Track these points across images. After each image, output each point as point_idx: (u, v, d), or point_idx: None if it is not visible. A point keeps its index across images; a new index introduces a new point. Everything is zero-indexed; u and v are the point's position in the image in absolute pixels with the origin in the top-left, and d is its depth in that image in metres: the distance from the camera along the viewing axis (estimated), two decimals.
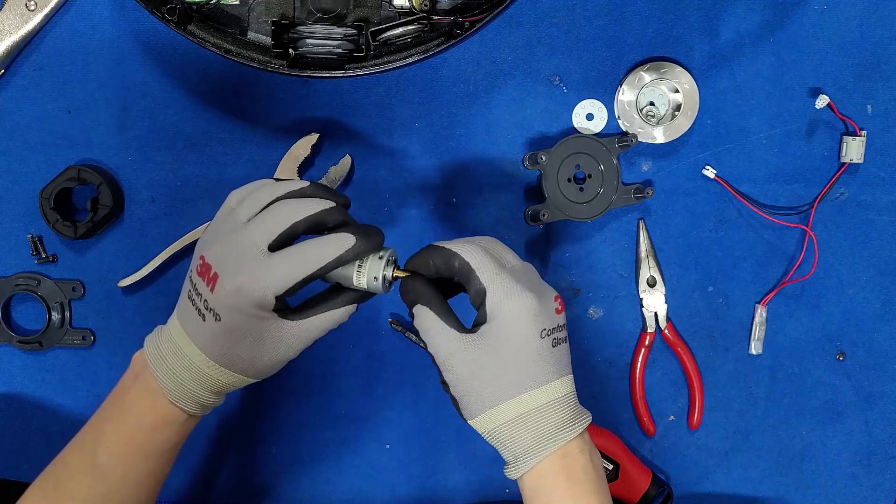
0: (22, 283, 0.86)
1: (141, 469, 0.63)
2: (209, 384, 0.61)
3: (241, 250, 0.58)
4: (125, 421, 0.62)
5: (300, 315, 0.60)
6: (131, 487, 0.63)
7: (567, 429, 0.60)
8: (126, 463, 0.62)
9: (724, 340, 0.88)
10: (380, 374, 0.87)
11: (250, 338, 0.59)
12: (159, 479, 0.65)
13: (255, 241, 0.58)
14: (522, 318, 0.59)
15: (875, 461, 0.89)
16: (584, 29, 0.85)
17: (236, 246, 0.58)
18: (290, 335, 0.60)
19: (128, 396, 0.63)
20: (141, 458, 0.62)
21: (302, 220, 0.59)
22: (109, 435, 0.63)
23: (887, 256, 0.88)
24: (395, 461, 0.88)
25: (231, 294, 0.57)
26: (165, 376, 0.61)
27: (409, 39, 0.76)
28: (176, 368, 0.60)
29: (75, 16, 0.85)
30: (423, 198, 0.87)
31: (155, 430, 0.62)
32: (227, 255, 0.58)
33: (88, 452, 0.63)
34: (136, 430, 0.62)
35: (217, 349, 0.59)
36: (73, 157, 0.85)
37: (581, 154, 0.83)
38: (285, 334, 0.60)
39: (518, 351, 0.59)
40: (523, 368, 0.59)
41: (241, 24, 0.77)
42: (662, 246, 0.87)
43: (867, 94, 0.86)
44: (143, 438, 0.62)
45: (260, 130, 0.86)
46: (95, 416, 0.64)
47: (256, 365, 0.60)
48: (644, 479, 0.84)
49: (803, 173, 0.87)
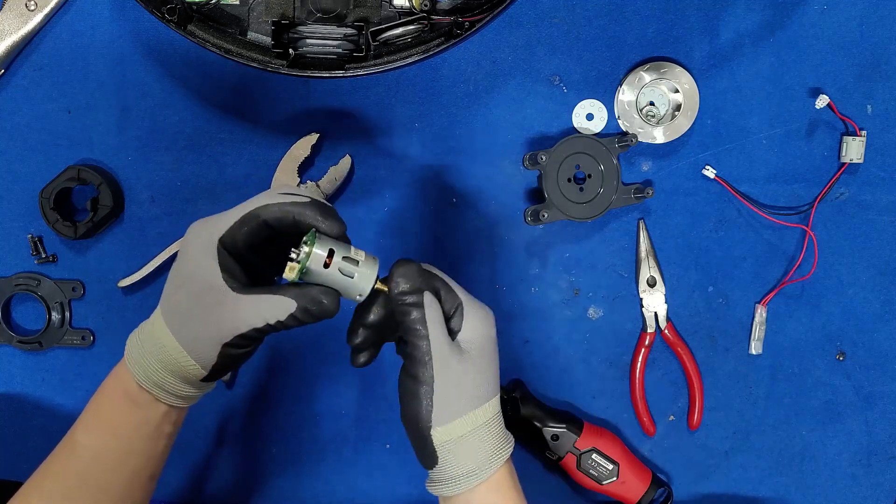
0: (22, 283, 0.86)
1: (113, 449, 0.62)
2: (160, 355, 0.59)
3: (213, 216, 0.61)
4: (98, 398, 0.63)
5: (242, 290, 0.58)
6: (106, 469, 0.62)
7: (510, 438, 0.64)
8: (96, 441, 0.62)
9: (724, 340, 0.88)
10: (380, 375, 0.87)
11: (192, 293, 0.58)
12: (137, 468, 0.63)
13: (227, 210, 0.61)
14: (490, 326, 0.64)
15: (875, 461, 0.89)
16: (584, 29, 0.85)
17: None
18: (229, 308, 0.58)
19: (108, 376, 0.63)
20: (111, 436, 0.62)
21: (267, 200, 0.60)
22: (86, 412, 0.63)
23: (887, 256, 0.88)
24: (395, 461, 0.88)
25: (185, 237, 0.60)
26: (130, 348, 0.61)
27: (409, 39, 0.76)
28: (139, 338, 0.61)
29: (75, 16, 0.85)
30: (423, 198, 0.87)
31: (122, 408, 0.62)
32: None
33: (70, 433, 0.64)
34: (106, 406, 0.63)
35: (166, 303, 0.60)
36: (73, 157, 0.85)
37: (581, 154, 0.83)
38: (225, 304, 0.58)
39: (491, 356, 0.63)
40: (493, 373, 0.63)
41: (241, 24, 0.77)
42: (662, 246, 0.87)
43: (867, 94, 0.86)
44: (112, 414, 0.62)
45: (260, 130, 0.86)
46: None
47: (196, 330, 0.58)
48: (644, 479, 0.85)
49: (803, 173, 0.87)
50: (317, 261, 0.58)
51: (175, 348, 0.59)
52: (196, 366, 0.59)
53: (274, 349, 0.87)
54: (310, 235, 0.58)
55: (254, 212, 0.59)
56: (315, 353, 0.87)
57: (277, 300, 0.58)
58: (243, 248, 0.60)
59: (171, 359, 0.59)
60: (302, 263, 0.58)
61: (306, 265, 0.58)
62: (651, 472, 0.85)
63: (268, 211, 0.59)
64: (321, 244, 0.58)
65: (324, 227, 0.59)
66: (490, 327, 0.64)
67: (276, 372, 0.88)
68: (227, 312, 0.58)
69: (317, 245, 0.58)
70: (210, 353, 0.59)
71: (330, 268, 0.58)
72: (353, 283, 0.59)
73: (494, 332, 0.64)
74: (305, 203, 0.59)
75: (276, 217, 0.59)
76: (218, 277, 0.58)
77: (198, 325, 0.59)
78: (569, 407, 0.88)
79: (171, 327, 0.59)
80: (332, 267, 0.58)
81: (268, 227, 0.59)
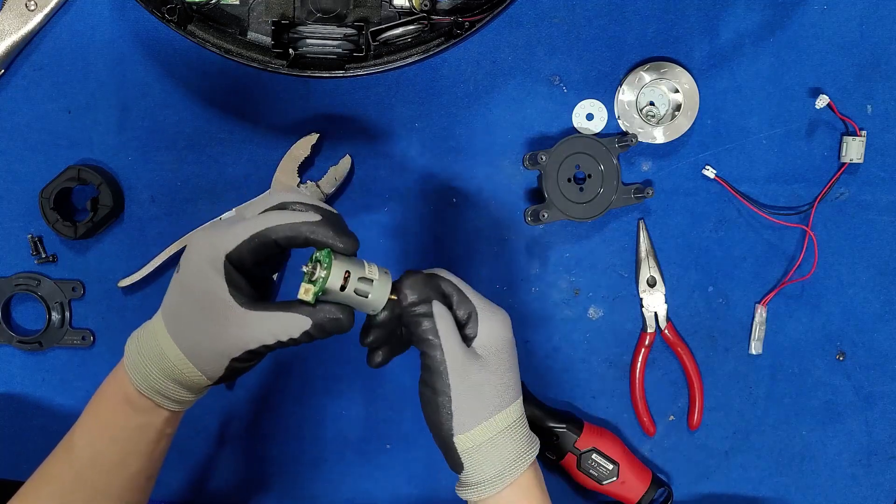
0: (22, 283, 0.86)
1: (111, 452, 0.62)
2: (161, 363, 0.59)
3: (215, 225, 0.61)
4: (96, 401, 0.63)
5: (251, 305, 0.58)
6: (103, 472, 0.62)
7: (535, 440, 0.64)
8: (94, 445, 0.62)
9: (724, 340, 0.88)
10: (380, 375, 0.87)
11: (198, 306, 0.58)
12: (134, 470, 0.63)
13: (226, 220, 0.61)
14: (508, 330, 0.64)
15: (875, 461, 0.89)
16: (584, 29, 0.85)
17: (215, 224, 0.61)
18: (238, 323, 0.58)
19: (106, 378, 0.63)
20: (109, 439, 0.62)
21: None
22: (85, 415, 0.63)
23: (887, 256, 0.88)
24: (396, 461, 0.88)
25: (189, 249, 0.59)
26: (129, 353, 0.61)
27: (409, 39, 0.76)
28: (139, 344, 0.61)
29: (75, 16, 0.85)
30: (423, 198, 0.87)
31: (120, 411, 0.61)
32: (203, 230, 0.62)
33: (68, 435, 0.64)
34: (104, 410, 0.62)
35: (169, 312, 0.59)
36: (73, 157, 0.85)
37: (581, 154, 0.83)
38: (233, 319, 0.58)
39: (510, 360, 0.63)
40: (512, 379, 0.63)
41: (241, 24, 0.77)
42: (662, 246, 0.87)
43: (867, 94, 0.86)
44: (111, 418, 0.62)
45: (260, 130, 0.86)
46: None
47: (201, 344, 0.58)
48: (644, 479, 0.84)
49: (803, 173, 0.87)
50: (333, 283, 0.57)
51: (178, 357, 0.59)
52: (200, 375, 0.59)
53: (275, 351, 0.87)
54: (324, 255, 0.57)
55: (264, 232, 0.58)
56: (317, 354, 0.87)
57: (291, 318, 0.58)
58: (250, 265, 0.59)
59: (172, 367, 0.59)
60: (318, 287, 0.57)
61: (323, 287, 0.57)
62: (651, 472, 0.85)
63: (278, 231, 0.58)
64: (337, 266, 0.57)
65: (339, 248, 0.58)
66: (506, 330, 0.63)
67: (278, 373, 0.88)
68: (236, 328, 0.58)
69: (334, 267, 0.57)
70: (216, 365, 0.59)
71: (346, 290, 0.58)
72: (368, 302, 0.59)
73: (511, 334, 0.64)
74: (318, 222, 0.58)
75: (286, 237, 0.58)
76: (225, 292, 0.57)
77: (202, 338, 0.58)
78: (569, 407, 0.88)
79: (173, 336, 0.59)
80: (349, 288, 0.58)
81: (277, 246, 0.59)
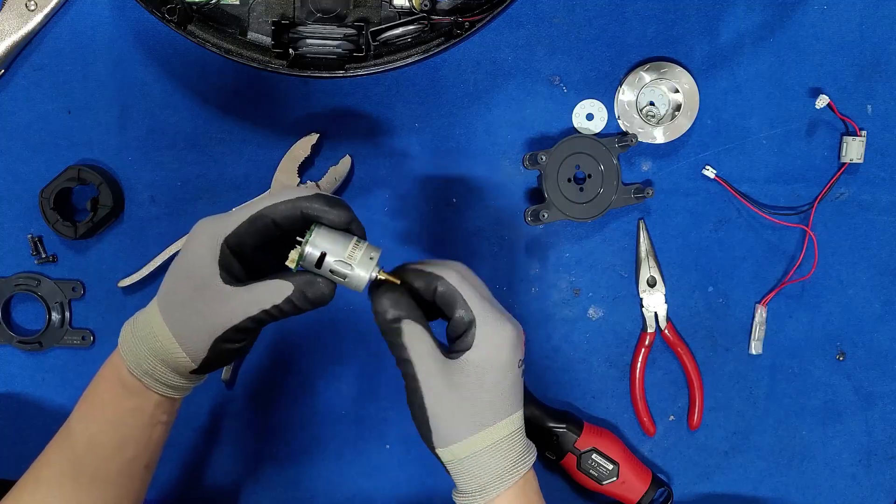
0: (22, 283, 0.86)
1: (107, 436, 0.62)
2: (152, 343, 0.60)
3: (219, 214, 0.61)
4: (93, 385, 0.63)
5: (237, 284, 0.59)
6: (100, 457, 0.62)
7: (527, 456, 0.62)
8: (90, 428, 0.62)
9: (724, 340, 0.88)
10: (380, 375, 0.87)
11: (187, 286, 0.59)
12: (131, 456, 0.63)
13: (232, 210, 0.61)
14: (506, 348, 0.60)
15: (875, 461, 0.89)
16: (584, 29, 0.85)
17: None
18: (222, 301, 0.58)
19: (104, 363, 0.64)
20: (105, 423, 0.62)
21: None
22: (82, 400, 0.64)
23: (887, 256, 0.88)
24: (395, 461, 0.88)
25: (190, 234, 0.60)
26: (124, 334, 0.62)
27: (409, 39, 0.76)
28: (134, 325, 0.61)
29: (75, 16, 0.85)
30: (423, 198, 0.87)
31: (115, 394, 0.62)
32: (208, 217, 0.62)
33: (67, 421, 0.64)
34: (100, 393, 0.63)
35: (162, 293, 0.60)
36: (73, 157, 0.85)
37: (581, 154, 0.83)
38: (218, 298, 0.58)
39: (499, 381, 0.60)
40: (500, 398, 0.60)
41: (241, 24, 0.77)
42: (662, 246, 0.87)
43: (867, 94, 0.86)
44: (106, 401, 0.62)
45: (260, 130, 0.86)
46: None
47: (188, 322, 0.59)
48: (644, 479, 0.84)
49: (803, 173, 0.87)
50: (311, 257, 0.59)
51: (166, 337, 0.59)
52: (186, 357, 0.60)
53: (274, 349, 0.87)
54: (309, 230, 0.59)
55: (262, 212, 0.59)
56: (315, 352, 0.87)
57: (272, 284, 0.58)
58: (251, 249, 0.60)
59: (161, 348, 0.60)
60: (299, 255, 0.59)
61: (303, 256, 0.59)
62: (651, 472, 0.85)
63: (276, 210, 0.59)
64: (320, 239, 0.58)
65: (331, 217, 0.59)
66: (502, 348, 0.59)
67: (276, 372, 0.88)
68: (220, 305, 0.58)
69: (317, 239, 0.58)
70: (201, 346, 0.59)
71: (322, 268, 0.59)
72: (346, 283, 0.60)
73: (509, 352, 0.60)
74: (311, 196, 0.59)
75: (284, 215, 0.59)
76: (215, 273, 0.58)
77: (191, 317, 0.59)
78: (569, 407, 0.88)
79: (164, 317, 0.59)
80: (324, 267, 0.59)
81: (276, 227, 0.59)
